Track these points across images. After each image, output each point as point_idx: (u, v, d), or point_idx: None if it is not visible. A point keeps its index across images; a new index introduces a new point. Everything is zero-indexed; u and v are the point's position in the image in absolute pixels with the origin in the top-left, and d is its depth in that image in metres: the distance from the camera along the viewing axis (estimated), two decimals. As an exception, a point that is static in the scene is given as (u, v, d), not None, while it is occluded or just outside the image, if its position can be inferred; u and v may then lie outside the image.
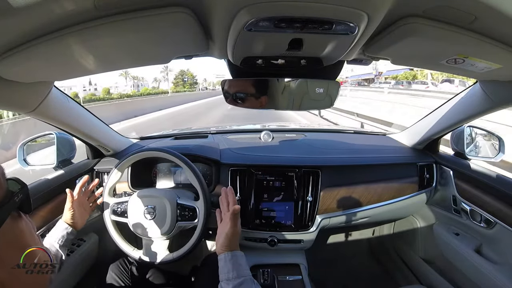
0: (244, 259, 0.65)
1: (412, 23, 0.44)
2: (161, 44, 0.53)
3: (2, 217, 0.32)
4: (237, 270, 0.61)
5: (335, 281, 1.49)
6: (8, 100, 0.64)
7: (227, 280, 0.60)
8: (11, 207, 0.34)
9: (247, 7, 0.38)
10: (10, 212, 0.34)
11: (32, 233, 0.38)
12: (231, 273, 0.60)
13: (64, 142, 1.10)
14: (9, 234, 0.33)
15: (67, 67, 0.59)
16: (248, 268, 0.63)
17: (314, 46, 0.52)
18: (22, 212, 0.37)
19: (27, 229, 0.37)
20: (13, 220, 0.34)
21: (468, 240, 1.04)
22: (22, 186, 0.37)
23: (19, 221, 0.36)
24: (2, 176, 0.34)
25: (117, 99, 21.68)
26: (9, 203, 0.33)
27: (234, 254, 0.64)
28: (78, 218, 0.88)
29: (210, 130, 1.56)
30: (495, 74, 0.62)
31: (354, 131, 1.63)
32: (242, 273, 0.61)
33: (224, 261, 0.63)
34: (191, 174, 0.95)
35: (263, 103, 0.70)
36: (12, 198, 0.34)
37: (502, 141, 1.06)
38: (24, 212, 0.38)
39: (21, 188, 0.36)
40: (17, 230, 0.35)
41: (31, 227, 0.39)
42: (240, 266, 0.62)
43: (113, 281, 1.00)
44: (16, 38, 0.43)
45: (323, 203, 1.09)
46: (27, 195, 0.38)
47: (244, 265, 0.63)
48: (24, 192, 0.37)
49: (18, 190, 0.36)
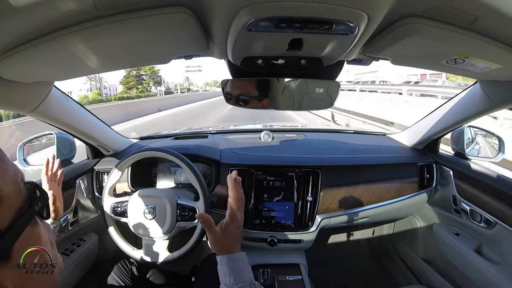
0: (245, 260, 0.60)
1: (412, 23, 0.44)
2: (161, 44, 0.53)
3: (22, 226, 0.31)
4: (235, 275, 0.56)
5: (335, 281, 1.49)
6: (8, 100, 0.64)
7: (225, 285, 0.57)
8: (30, 215, 0.33)
9: (247, 7, 0.38)
10: (30, 221, 0.32)
11: (49, 239, 0.37)
12: (227, 278, 0.56)
13: (64, 142, 1.10)
14: (27, 241, 0.32)
15: (67, 67, 0.59)
16: (249, 270, 0.59)
17: (314, 46, 0.52)
18: (40, 218, 0.36)
19: (44, 235, 0.36)
20: (31, 226, 0.33)
21: (468, 240, 1.04)
22: (42, 193, 0.35)
23: (37, 227, 0.35)
24: (21, 182, 0.33)
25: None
26: (28, 211, 0.32)
27: (231, 258, 0.58)
28: (58, 204, 0.82)
29: (210, 130, 1.56)
30: (495, 74, 0.62)
31: (354, 131, 1.63)
32: (240, 278, 0.56)
33: (220, 265, 0.59)
34: (191, 174, 0.95)
35: (263, 103, 0.70)
36: (31, 206, 0.33)
37: (502, 141, 1.06)
38: (42, 218, 0.37)
39: (40, 196, 0.35)
40: (35, 237, 0.34)
41: (47, 232, 0.38)
42: (238, 270, 0.57)
43: (113, 281, 1.00)
44: (16, 38, 0.43)
45: (323, 203, 1.09)
46: (46, 202, 0.36)
47: (243, 268, 0.58)
48: (43, 200, 0.35)
49: (38, 197, 0.34)
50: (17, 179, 0.32)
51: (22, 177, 0.33)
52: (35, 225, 0.35)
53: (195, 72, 38.34)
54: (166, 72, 41.22)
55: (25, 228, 0.32)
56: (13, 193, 0.31)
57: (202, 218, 0.60)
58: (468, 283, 1.01)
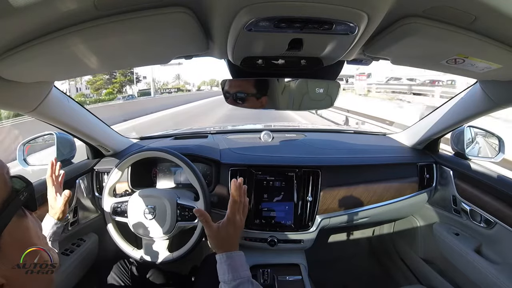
0: (242, 259, 0.62)
1: (412, 23, 0.44)
2: (161, 44, 0.53)
3: (8, 215, 0.32)
4: (233, 272, 0.59)
5: (335, 281, 1.49)
6: (8, 100, 0.64)
7: (224, 282, 0.59)
8: (16, 205, 0.34)
9: (247, 7, 0.38)
10: (16, 210, 0.34)
11: (38, 231, 0.39)
12: (226, 275, 0.59)
13: (64, 142, 1.10)
14: (15, 232, 0.33)
15: (67, 67, 0.59)
16: (246, 269, 0.61)
17: (314, 46, 0.52)
18: (27, 210, 0.37)
19: (32, 227, 0.37)
20: (19, 218, 0.35)
21: (468, 240, 1.04)
22: (27, 184, 0.37)
23: (25, 219, 0.36)
24: (7, 174, 0.34)
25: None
26: (14, 201, 0.34)
27: (229, 256, 0.61)
28: (63, 206, 0.82)
29: (210, 130, 1.56)
30: (495, 74, 0.62)
31: (354, 131, 1.63)
32: (238, 275, 0.59)
33: (219, 263, 0.61)
34: (191, 174, 0.95)
35: (263, 103, 0.70)
36: (17, 196, 0.34)
37: (502, 141, 1.06)
38: (29, 210, 0.38)
39: (26, 186, 0.36)
40: (23, 228, 0.35)
41: (37, 225, 0.39)
42: (236, 267, 0.60)
43: (113, 281, 1.00)
44: (16, 38, 0.43)
45: (323, 203, 1.09)
46: (32, 193, 0.38)
47: (241, 266, 0.61)
48: (29, 190, 0.37)
49: (23, 188, 0.36)
50: (2, 171, 0.34)
51: (7, 170, 0.35)
52: (23, 216, 0.36)
53: (190, 70, 34.13)
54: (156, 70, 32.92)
55: (12, 217, 0.33)
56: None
57: (199, 213, 0.63)
58: (468, 283, 1.01)
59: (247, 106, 0.70)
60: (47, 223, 0.80)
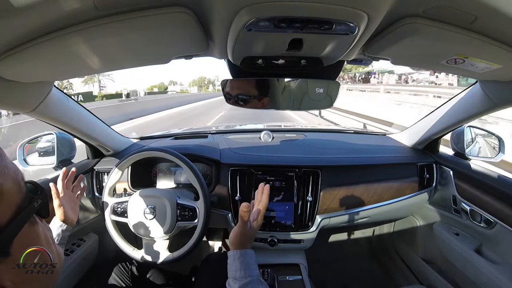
0: (254, 258, 0.64)
1: (412, 23, 0.44)
2: (161, 44, 0.53)
3: (22, 222, 0.32)
4: (245, 269, 0.60)
5: (335, 281, 1.49)
6: (8, 100, 0.64)
7: (234, 278, 0.60)
8: (30, 212, 0.34)
9: (247, 7, 0.38)
10: (29, 217, 0.33)
11: (47, 238, 0.38)
12: (238, 272, 0.60)
13: (64, 142, 1.10)
14: (25, 238, 0.33)
15: (67, 67, 0.59)
16: (256, 268, 0.63)
17: (314, 46, 0.52)
18: (39, 217, 0.37)
19: (42, 233, 0.36)
20: (30, 224, 0.34)
21: (468, 240, 1.04)
22: (41, 191, 0.36)
23: (36, 225, 0.35)
24: (22, 181, 0.34)
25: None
26: (28, 208, 0.33)
27: (244, 253, 0.63)
28: (70, 213, 0.82)
29: (210, 130, 1.56)
30: (495, 74, 0.62)
31: (354, 131, 1.63)
32: (250, 273, 0.60)
33: (233, 259, 0.62)
34: (191, 174, 0.95)
35: (263, 103, 0.70)
36: (31, 203, 0.34)
37: (502, 141, 1.06)
38: (41, 217, 0.37)
39: (40, 194, 0.36)
40: (34, 234, 0.35)
41: (47, 231, 0.38)
42: (249, 265, 0.62)
43: (113, 281, 1.00)
44: (16, 38, 0.43)
45: (323, 203, 1.09)
46: (46, 200, 0.37)
47: (252, 264, 0.63)
48: (43, 198, 0.36)
49: (38, 195, 0.35)
50: (17, 177, 0.33)
51: (22, 176, 0.34)
52: (34, 223, 0.35)
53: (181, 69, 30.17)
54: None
55: (24, 224, 0.32)
56: (13, 189, 0.31)
57: (247, 208, 0.63)
58: (468, 283, 1.01)
59: (247, 106, 0.70)
60: (53, 226, 0.79)
